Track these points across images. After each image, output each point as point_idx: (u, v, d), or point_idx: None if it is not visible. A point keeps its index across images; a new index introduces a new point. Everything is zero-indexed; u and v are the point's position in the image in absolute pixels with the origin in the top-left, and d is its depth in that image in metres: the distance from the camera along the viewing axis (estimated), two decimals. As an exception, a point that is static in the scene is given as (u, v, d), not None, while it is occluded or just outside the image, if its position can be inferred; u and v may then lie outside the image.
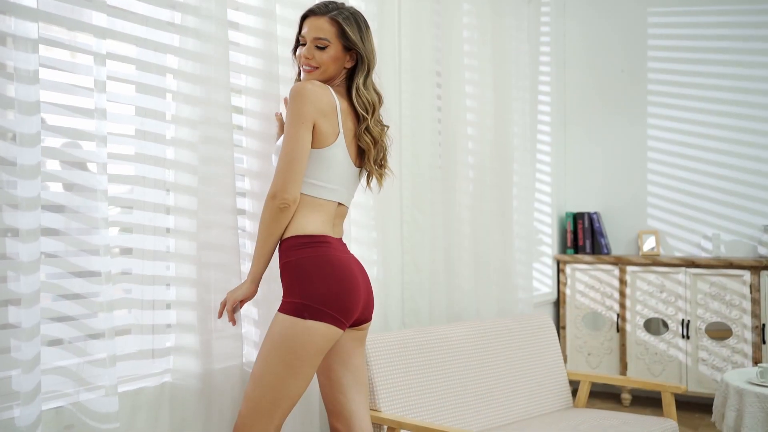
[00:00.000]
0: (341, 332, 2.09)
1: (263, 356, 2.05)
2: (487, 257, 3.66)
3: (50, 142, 1.98)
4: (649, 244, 4.59)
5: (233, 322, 2.15)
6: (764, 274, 4.06)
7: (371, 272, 2.93)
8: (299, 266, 2.05)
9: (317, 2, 2.25)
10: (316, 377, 2.37)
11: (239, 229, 2.45)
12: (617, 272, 4.46)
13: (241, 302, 2.16)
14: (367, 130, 2.18)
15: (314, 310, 2.01)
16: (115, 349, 2.01)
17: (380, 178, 2.28)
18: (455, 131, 3.46)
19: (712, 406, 3.33)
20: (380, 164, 2.26)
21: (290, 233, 2.08)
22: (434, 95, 3.33)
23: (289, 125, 2.05)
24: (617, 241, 4.76)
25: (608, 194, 4.81)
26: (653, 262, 4.36)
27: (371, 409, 2.63)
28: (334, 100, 2.12)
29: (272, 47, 2.47)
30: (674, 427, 2.97)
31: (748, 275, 4.10)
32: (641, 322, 4.38)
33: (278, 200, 2.03)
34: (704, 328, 4.20)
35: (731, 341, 4.12)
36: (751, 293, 4.08)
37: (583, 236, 4.69)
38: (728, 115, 4.46)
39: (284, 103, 2.39)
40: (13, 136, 1.74)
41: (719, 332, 4.18)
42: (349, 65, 2.19)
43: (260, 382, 2.04)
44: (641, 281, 4.40)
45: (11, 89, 1.73)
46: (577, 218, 4.72)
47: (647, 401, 4.49)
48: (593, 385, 4.66)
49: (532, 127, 4.28)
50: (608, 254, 4.62)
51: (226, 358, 2.30)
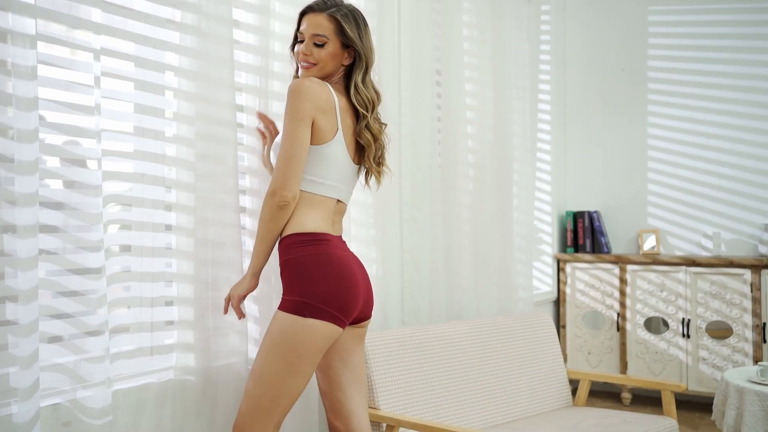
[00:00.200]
0: (341, 330, 2.09)
1: (263, 354, 2.05)
2: (487, 256, 3.65)
3: (49, 138, 1.98)
4: (649, 243, 4.58)
5: (241, 316, 2.16)
6: (765, 272, 4.05)
7: (371, 271, 2.93)
8: (299, 264, 2.04)
9: None
10: (315, 375, 2.37)
11: (241, 227, 2.45)
12: (617, 271, 4.45)
13: (244, 296, 2.17)
14: (366, 127, 2.18)
15: (314, 308, 2.01)
16: (111, 345, 2.02)
17: (378, 175, 2.28)
18: (455, 130, 3.46)
19: (712, 405, 3.32)
20: (378, 162, 2.26)
21: (290, 231, 2.08)
22: (434, 94, 3.33)
23: (287, 122, 2.05)
24: (618, 240, 4.75)
25: (608, 193, 4.81)
26: (653, 261, 4.35)
27: (370, 407, 2.63)
28: (332, 96, 2.11)
29: (271, 44, 2.47)
30: (674, 425, 2.97)
31: (748, 274, 4.09)
32: (641, 321, 4.38)
33: (278, 198, 2.03)
34: (705, 327, 4.20)
35: (732, 340, 4.12)
36: (751, 292, 4.08)
37: (583, 235, 4.69)
38: (729, 113, 4.46)
39: (257, 116, 2.42)
40: (10, 132, 1.74)
41: (720, 331, 4.17)
42: (346, 62, 2.19)
43: (260, 380, 2.04)
44: (641, 280, 4.39)
45: (9, 85, 1.73)
46: (577, 217, 4.72)
47: (647, 400, 4.48)
48: (594, 384, 4.66)
49: (532, 126, 4.27)
50: (608, 253, 4.61)
51: (225, 355, 2.31)
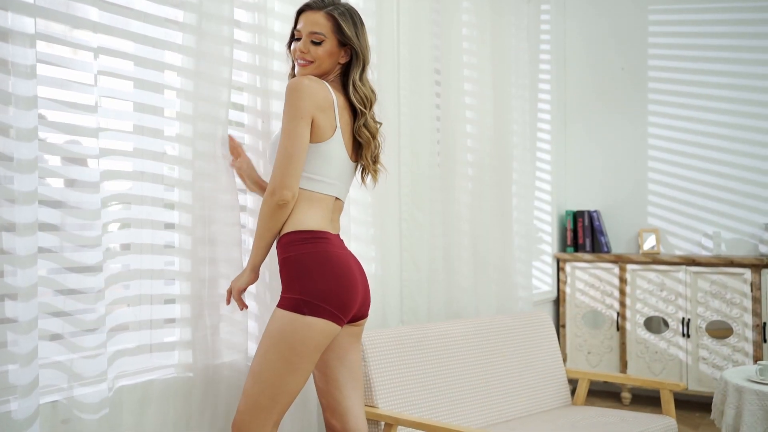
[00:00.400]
0: (339, 328, 2.10)
1: (262, 352, 2.05)
2: (486, 255, 3.66)
3: (50, 138, 1.99)
4: (649, 242, 4.58)
5: (243, 307, 2.19)
6: (765, 272, 4.05)
7: (370, 269, 2.94)
8: (299, 262, 2.05)
9: None
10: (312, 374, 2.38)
11: (241, 225, 2.46)
12: (617, 270, 4.46)
13: (243, 289, 2.19)
14: (365, 125, 2.20)
15: (314, 306, 2.02)
16: (111, 343, 2.02)
17: (375, 173, 2.29)
18: (454, 129, 3.46)
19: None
20: (374, 160, 2.27)
21: (289, 228, 2.09)
22: (433, 93, 3.33)
23: (287, 121, 2.05)
24: (617, 239, 4.76)
25: (608, 192, 4.81)
26: (653, 260, 4.35)
27: (368, 405, 2.63)
28: (331, 95, 2.12)
29: (270, 43, 2.48)
30: (673, 424, 2.97)
31: (748, 273, 4.09)
32: (641, 320, 4.38)
33: (277, 197, 2.04)
34: (705, 326, 4.20)
35: (732, 340, 4.12)
36: (751, 291, 4.08)
37: (583, 234, 4.69)
38: (729, 112, 4.46)
39: (228, 144, 2.35)
40: (10, 131, 1.74)
41: (720, 331, 4.17)
42: (343, 61, 2.20)
43: (259, 377, 2.04)
44: (641, 279, 4.39)
45: (8, 84, 1.73)
46: (577, 216, 4.72)
47: (647, 400, 4.48)
48: (594, 384, 4.67)
49: (532, 125, 4.27)
50: (608, 253, 4.61)
51: (225, 352, 2.31)
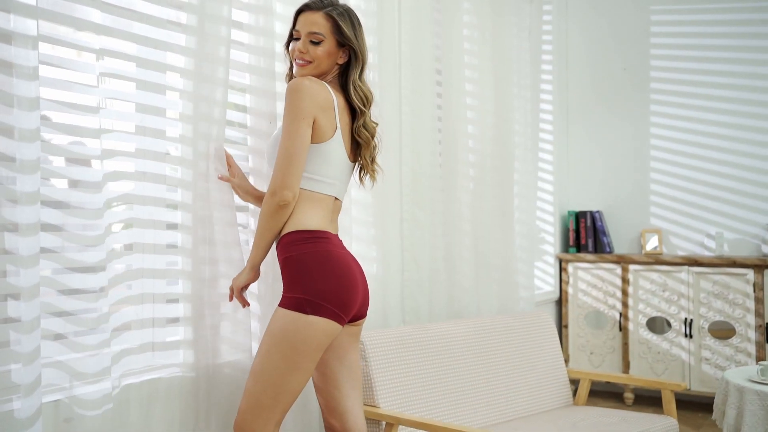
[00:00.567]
0: (341, 328, 2.11)
1: (264, 351, 2.05)
2: (488, 255, 3.66)
3: (51, 138, 2.00)
4: (652, 243, 4.58)
5: (245, 304, 2.22)
6: None
7: (371, 269, 2.95)
8: (300, 261, 2.06)
9: None
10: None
11: (242, 225, 2.48)
12: (619, 271, 4.45)
13: (244, 287, 2.21)
14: (364, 124, 2.21)
15: (316, 305, 2.02)
16: (114, 342, 2.03)
17: (372, 173, 2.30)
18: (456, 129, 3.47)
19: (713, 404, 3.32)
20: (372, 160, 2.28)
21: (290, 228, 2.09)
22: (434, 93, 3.34)
23: (289, 121, 2.06)
24: (620, 239, 4.76)
25: (611, 193, 4.81)
26: (656, 260, 4.35)
27: (370, 405, 2.64)
28: (331, 96, 2.13)
29: (274, 45, 2.49)
30: (674, 424, 2.97)
31: (751, 274, 4.08)
32: (644, 321, 4.38)
33: (278, 198, 2.04)
34: (707, 327, 4.19)
35: (734, 340, 4.11)
36: (754, 292, 4.07)
37: (585, 235, 4.69)
38: (732, 113, 4.45)
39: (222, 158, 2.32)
40: (12, 132, 1.76)
41: (722, 331, 4.17)
42: (341, 61, 2.21)
43: (261, 377, 2.04)
44: (644, 280, 4.39)
45: (11, 86, 1.75)
46: (579, 217, 4.72)
47: (650, 401, 4.48)
48: (596, 384, 4.67)
49: (533, 125, 4.28)
50: (611, 253, 4.61)
51: (227, 352, 2.32)
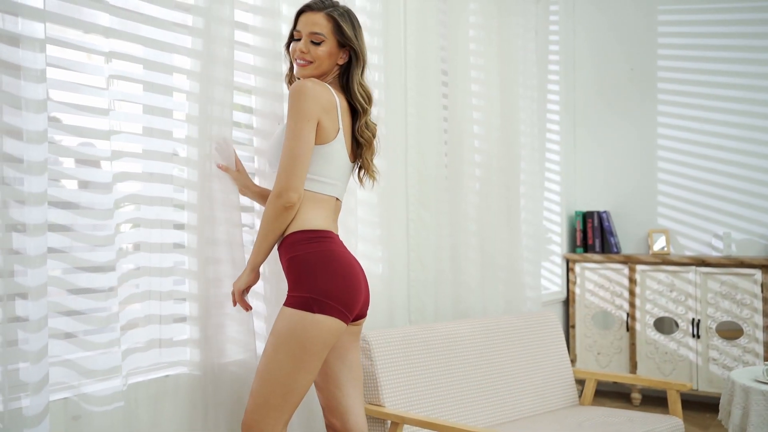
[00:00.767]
0: (345, 327, 2.12)
1: (271, 351, 2.05)
2: (494, 256, 3.67)
3: (61, 139, 2.03)
4: (659, 243, 4.57)
5: (248, 308, 2.21)
6: (775, 273, 4.04)
7: (377, 269, 2.96)
8: (306, 261, 2.07)
9: None
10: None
11: (248, 226, 2.50)
12: (627, 271, 4.45)
13: (245, 290, 2.20)
14: (365, 125, 2.22)
15: (322, 304, 2.03)
16: (122, 339, 2.06)
17: (372, 174, 2.32)
18: (461, 130, 3.47)
19: (720, 405, 3.31)
20: (371, 160, 2.30)
21: (295, 228, 2.10)
22: (440, 94, 3.35)
23: (293, 123, 2.06)
24: (627, 240, 4.75)
25: (618, 193, 4.80)
26: (663, 261, 4.34)
27: (375, 404, 2.66)
28: (334, 97, 2.15)
29: (279, 47, 2.51)
30: (680, 424, 2.97)
31: (759, 274, 4.07)
32: (651, 321, 4.37)
33: (283, 199, 2.05)
34: (715, 327, 4.18)
35: (742, 341, 4.10)
36: (762, 292, 4.05)
37: (592, 235, 4.69)
38: (739, 113, 4.44)
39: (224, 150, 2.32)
40: (20, 133, 1.78)
41: (730, 332, 4.16)
42: (341, 62, 2.22)
43: (268, 376, 2.04)
44: (651, 280, 4.38)
45: (19, 88, 1.77)
46: (586, 217, 4.72)
47: (658, 401, 4.47)
48: (604, 385, 4.66)
49: (540, 125, 4.28)
50: (618, 253, 4.60)
51: (233, 351, 2.34)
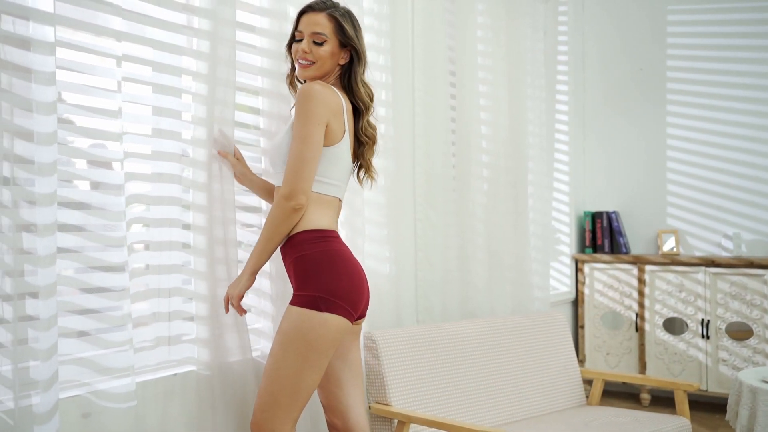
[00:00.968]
0: (351, 325, 2.13)
1: (278, 350, 2.06)
2: (501, 256, 3.67)
3: (73, 140, 2.07)
4: (669, 243, 4.56)
5: (243, 313, 2.18)
6: (785, 273, 4.02)
7: (384, 269, 2.98)
8: (314, 260, 2.08)
9: None
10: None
11: (258, 226, 2.52)
12: (636, 271, 4.44)
13: (242, 295, 2.16)
14: (368, 123, 2.25)
15: (330, 302, 2.04)
16: (133, 338, 2.08)
17: (371, 173, 2.33)
18: (469, 130, 3.48)
19: (728, 405, 3.30)
20: (371, 159, 2.32)
21: (302, 227, 2.11)
22: (448, 94, 3.36)
23: (302, 126, 2.06)
24: (637, 240, 4.74)
25: (627, 193, 4.79)
26: (672, 261, 4.33)
27: (381, 402, 2.67)
28: (341, 99, 2.17)
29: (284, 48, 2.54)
30: (687, 425, 2.96)
31: (769, 275, 4.05)
32: (660, 321, 4.36)
33: (293, 202, 2.05)
34: (724, 328, 4.17)
35: (752, 341, 4.08)
36: (772, 293, 4.04)
37: (601, 235, 4.68)
38: (749, 113, 4.41)
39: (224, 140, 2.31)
40: (31, 135, 1.81)
41: (740, 332, 4.14)
42: (342, 62, 2.23)
43: (277, 376, 2.05)
44: (660, 281, 4.37)
45: (30, 90, 1.80)
46: (595, 217, 4.71)
47: (667, 401, 4.45)
48: (614, 385, 4.65)
49: (548, 126, 4.28)
50: (627, 253, 4.59)
51: (241, 351, 2.36)
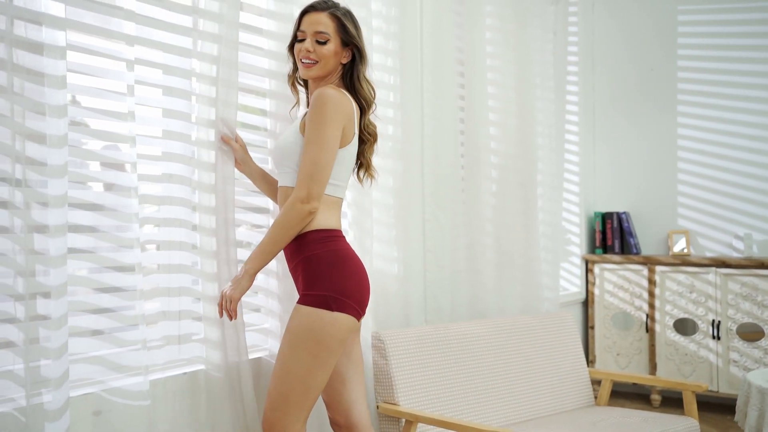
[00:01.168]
0: (358, 324, 2.16)
1: (288, 349, 2.07)
2: (511, 256, 3.67)
3: (87, 142, 2.10)
4: (679, 244, 4.54)
5: (234, 317, 2.10)
6: (797, 274, 4.00)
7: (392, 269, 3.00)
8: (323, 259, 2.10)
9: None
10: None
11: (266, 227, 2.54)
12: (646, 272, 4.43)
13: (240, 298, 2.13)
14: (368, 120, 2.26)
15: (340, 301, 2.06)
16: (145, 337, 2.11)
17: (371, 172, 2.35)
18: (478, 131, 3.49)
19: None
20: (371, 158, 2.33)
21: (311, 227, 2.12)
22: (456, 96, 3.37)
23: (319, 130, 2.06)
24: (647, 241, 4.72)
25: (637, 193, 4.78)
26: (683, 262, 4.31)
27: (389, 402, 2.69)
28: (352, 103, 2.18)
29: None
30: (695, 425, 2.95)
31: (780, 276, 4.03)
32: (671, 322, 4.35)
33: (310, 206, 2.06)
34: (735, 329, 4.15)
35: (763, 342, 4.06)
36: (783, 294, 4.02)
37: (612, 236, 4.67)
38: (760, 113, 4.39)
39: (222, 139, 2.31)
40: (43, 138, 1.85)
41: (751, 333, 4.12)
42: (344, 61, 2.24)
43: (287, 375, 2.06)
44: (670, 281, 4.36)
45: (43, 94, 1.83)
46: (605, 218, 4.70)
47: (678, 402, 4.42)
48: (624, 386, 4.64)
49: (558, 126, 4.27)
50: (637, 254, 4.58)
51: (249, 350, 2.38)
